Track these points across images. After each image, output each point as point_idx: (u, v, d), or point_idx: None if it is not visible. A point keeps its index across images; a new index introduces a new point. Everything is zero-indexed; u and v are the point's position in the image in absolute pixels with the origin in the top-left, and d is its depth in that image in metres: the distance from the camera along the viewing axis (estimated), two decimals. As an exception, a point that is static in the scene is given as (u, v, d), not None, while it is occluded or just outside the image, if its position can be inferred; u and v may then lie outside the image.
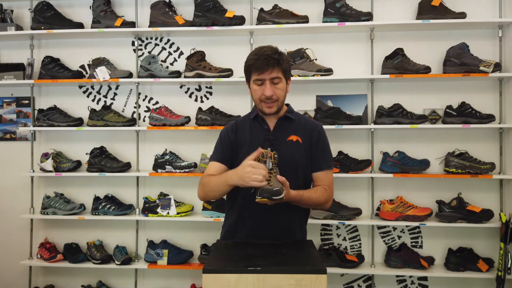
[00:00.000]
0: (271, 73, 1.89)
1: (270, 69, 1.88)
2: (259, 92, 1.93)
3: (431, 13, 2.80)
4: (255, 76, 1.91)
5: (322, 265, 1.50)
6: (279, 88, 1.92)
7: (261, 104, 1.95)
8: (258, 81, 1.91)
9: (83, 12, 3.15)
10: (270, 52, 1.90)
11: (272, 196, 1.67)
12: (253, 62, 1.90)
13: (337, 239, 3.03)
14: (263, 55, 1.89)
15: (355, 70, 2.99)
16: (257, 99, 1.95)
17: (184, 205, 2.96)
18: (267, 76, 1.89)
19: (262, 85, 1.92)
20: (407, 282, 2.97)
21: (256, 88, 1.93)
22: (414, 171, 2.82)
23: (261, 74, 1.89)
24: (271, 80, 1.90)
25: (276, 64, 1.88)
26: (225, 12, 2.89)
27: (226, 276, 1.45)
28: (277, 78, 1.91)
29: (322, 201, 1.95)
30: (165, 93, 3.15)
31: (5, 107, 3.29)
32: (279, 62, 1.89)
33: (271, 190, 1.68)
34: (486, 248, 2.89)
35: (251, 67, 1.91)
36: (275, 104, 1.94)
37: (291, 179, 1.91)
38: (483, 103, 2.88)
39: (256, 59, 1.90)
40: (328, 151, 2.05)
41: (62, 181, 3.18)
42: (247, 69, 1.95)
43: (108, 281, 3.14)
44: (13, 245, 3.22)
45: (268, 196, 1.67)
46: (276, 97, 1.92)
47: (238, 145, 2.01)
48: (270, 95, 1.90)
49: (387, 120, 2.84)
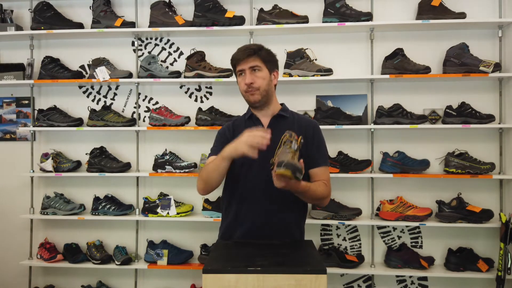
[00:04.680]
0: (249, 62, 1.99)
1: (247, 58, 1.99)
2: (242, 82, 2.02)
3: (431, 13, 2.80)
4: (237, 67, 2.03)
5: (322, 265, 1.50)
6: (259, 77, 1.99)
7: (246, 95, 2.03)
8: (240, 71, 2.02)
9: (83, 12, 3.15)
10: (251, 45, 2.06)
11: (296, 172, 1.56)
12: (234, 54, 2.05)
13: (337, 239, 3.03)
14: (243, 47, 2.05)
15: (355, 70, 2.99)
16: (242, 91, 2.03)
17: (184, 205, 2.96)
18: (246, 66, 1.99)
19: (244, 75, 2.01)
20: (407, 282, 2.97)
21: (240, 80, 2.03)
22: (414, 171, 2.81)
23: (241, 64, 2.00)
24: (250, 68, 1.99)
25: (253, 54, 2.00)
26: (225, 12, 2.89)
27: (226, 276, 1.45)
28: (257, 67, 1.99)
29: (324, 195, 1.97)
30: (165, 93, 3.15)
31: (5, 107, 3.29)
32: (255, 51, 2.00)
33: (297, 165, 1.57)
34: (486, 248, 2.89)
35: (233, 60, 2.04)
36: (257, 92, 2.00)
37: None
38: (483, 103, 2.88)
39: (237, 51, 2.05)
40: (323, 148, 2.06)
41: (62, 181, 3.18)
42: (231, 63, 2.07)
43: (108, 281, 3.14)
44: (13, 245, 3.22)
45: (293, 169, 1.55)
46: (257, 85, 1.99)
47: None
48: (250, 82, 1.97)
49: (387, 120, 2.84)
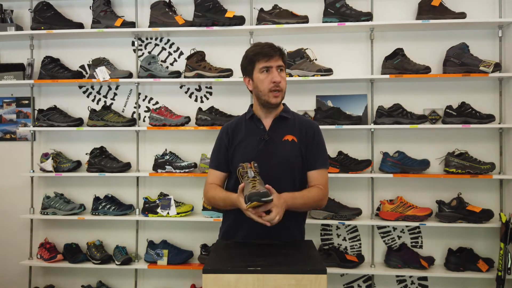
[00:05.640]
0: (278, 61, 1.93)
1: (276, 56, 1.92)
2: (266, 80, 1.92)
3: (431, 13, 2.80)
4: (262, 64, 1.92)
5: (322, 265, 1.50)
6: (283, 77, 1.96)
7: (269, 94, 1.93)
8: (265, 68, 1.92)
9: (83, 12, 3.15)
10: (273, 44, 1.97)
11: (261, 198, 1.66)
12: (260, 49, 1.93)
13: (337, 239, 3.03)
14: (267, 44, 1.95)
15: (355, 70, 2.99)
16: (265, 88, 1.93)
17: (184, 205, 2.96)
18: (274, 63, 1.92)
19: (269, 73, 1.92)
20: (407, 282, 2.97)
21: (263, 77, 1.93)
22: (414, 171, 2.81)
23: (269, 61, 1.91)
24: (277, 67, 1.93)
25: (280, 53, 1.95)
26: (225, 12, 2.89)
27: (226, 276, 1.45)
28: (282, 67, 1.96)
29: (319, 199, 1.96)
30: (165, 93, 3.15)
31: (5, 107, 3.29)
32: (281, 51, 1.96)
33: (259, 193, 1.66)
34: (486, 248, 2.89)
35: (258, 55, 1.93)
36: (280, 94, 1.96)
37: (287, 178, 1.93)
38: (483, 103, 2.88)
39: (262, 47, 1.94)
40: (323, 150, 2.04)
41: (62, 181, 3.18)
42: (253, 58, 1.95)
43: (108, 281, 3.14)
44: (13, 245, 3.22)
45: (257, 199, 1.65)
46: (283, 85, 1.95)
47: (234, 146, 2.02)
48: (279, 80, 1.91)
49: (387, 120, 2.84)
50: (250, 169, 1.77)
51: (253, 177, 1.75)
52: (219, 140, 2.08)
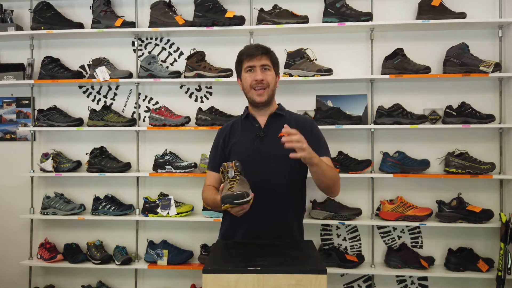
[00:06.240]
0: (261, 60, 1.98)
1: (260, 55, 1.98)
2: (249, 78, 1.99)
3: (431, 13, 2.80)
4: (246, 63, 2.00)
5: (322, 265, 1.50)
6: (269, 75, 1.99)
7: (251, 92, 2.00)
8: (249, 68, 1.99)
9: (83, 12, 3.15)
10: (261, 45, 2.04)
11: (234, 200, 1.65)
12: (245, 50, 2.02)
13: (337, 239, 3.03)
14: (254, 45, 2.04)
15: (355, 70, 2.99)
16: (247, 86, 2.01)
17: (184, 205, 2.96)
18: (258, 63, 1.98)
19: (253, 72, 1.99)
20: (407, 282, 2.97)
21: (247, 75, 2.00)
22: (414, 171, 2.81)
23: (251, 61, 1.98)
24: (262, 66, 1.98)
25: (265, 52, 2.00)
26: (225, 12, 2.89)
27: (226, 276, 1.45)
28: (267, 66, 2.00)
29: (334, 174, 1.95)
30: (165, 93, 3.15)
31: (5, 107, 3.29)
32: (268, 51, 2.01)
33: (232, 195, 1.66)
34: (486, 248, 2.89)
35: (243, 55, 2.02)
36: (265, 92, 1.99)
37: (285, 174, 1.94)
38: (483, 103, 2.88)
39: (247, 48, 2.03)
40: (323, 140, 2.07)
41: (62, 181, 3.18)
42: (239, 58, 2.04)
43: (108, 281, 3.14)
44: (13, 245, 3.22)
45: (229, 201, 1.65)
46: (266, 83, 1.98)
47: (230, 146, 2.05)
48: (261, 78, 1.96)
49: (387, 120, 2.84)
50: (231, 169, 1.78)
51: (233, 177, 1.75)
52: (217, 139, 2.12)
